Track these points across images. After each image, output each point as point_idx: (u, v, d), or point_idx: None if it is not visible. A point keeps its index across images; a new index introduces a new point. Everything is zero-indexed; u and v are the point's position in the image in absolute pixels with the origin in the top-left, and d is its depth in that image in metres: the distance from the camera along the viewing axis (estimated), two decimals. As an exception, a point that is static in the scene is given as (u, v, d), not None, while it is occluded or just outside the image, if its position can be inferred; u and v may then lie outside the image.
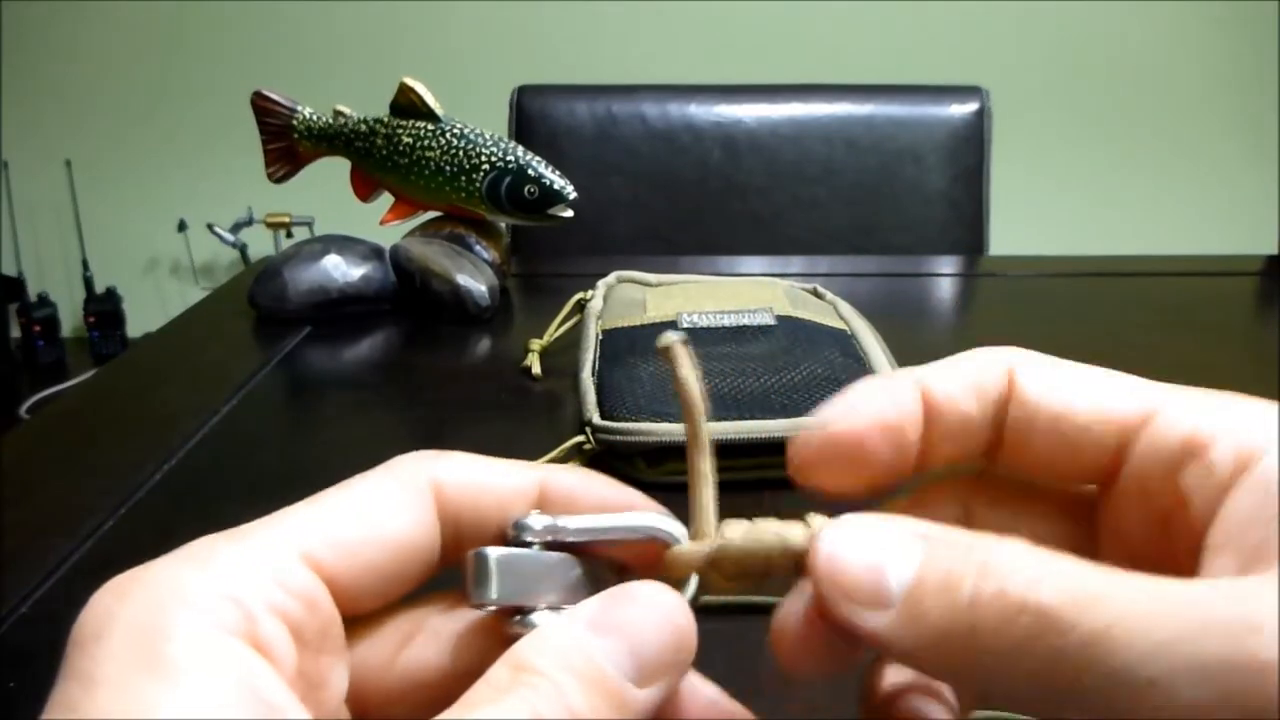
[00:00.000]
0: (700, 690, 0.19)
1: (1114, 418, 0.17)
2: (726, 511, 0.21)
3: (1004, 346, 0.19)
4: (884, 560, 0.16)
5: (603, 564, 0.19)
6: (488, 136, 0.71)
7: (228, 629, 0.15)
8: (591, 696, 0.15)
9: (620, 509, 0.19)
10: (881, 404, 0.19)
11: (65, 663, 0.15)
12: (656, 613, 0.17)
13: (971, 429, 0.19)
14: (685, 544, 0.19)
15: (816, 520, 0.18)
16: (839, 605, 0.16)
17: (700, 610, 0.19)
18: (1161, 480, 0.17)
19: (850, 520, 0.17)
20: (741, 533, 0.19)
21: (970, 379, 0.19)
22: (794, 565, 0.18)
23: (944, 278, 0.89)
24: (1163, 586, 0.14)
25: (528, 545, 0.18)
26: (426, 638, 0.19)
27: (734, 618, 0.38)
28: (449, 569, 0.19)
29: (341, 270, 0.72)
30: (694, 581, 0.19)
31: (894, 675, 0.20)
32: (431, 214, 0.76)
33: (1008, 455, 0.19)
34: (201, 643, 0.14)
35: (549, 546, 0.18)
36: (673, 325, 0.56)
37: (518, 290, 0.81)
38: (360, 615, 0.17)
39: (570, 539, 0.18)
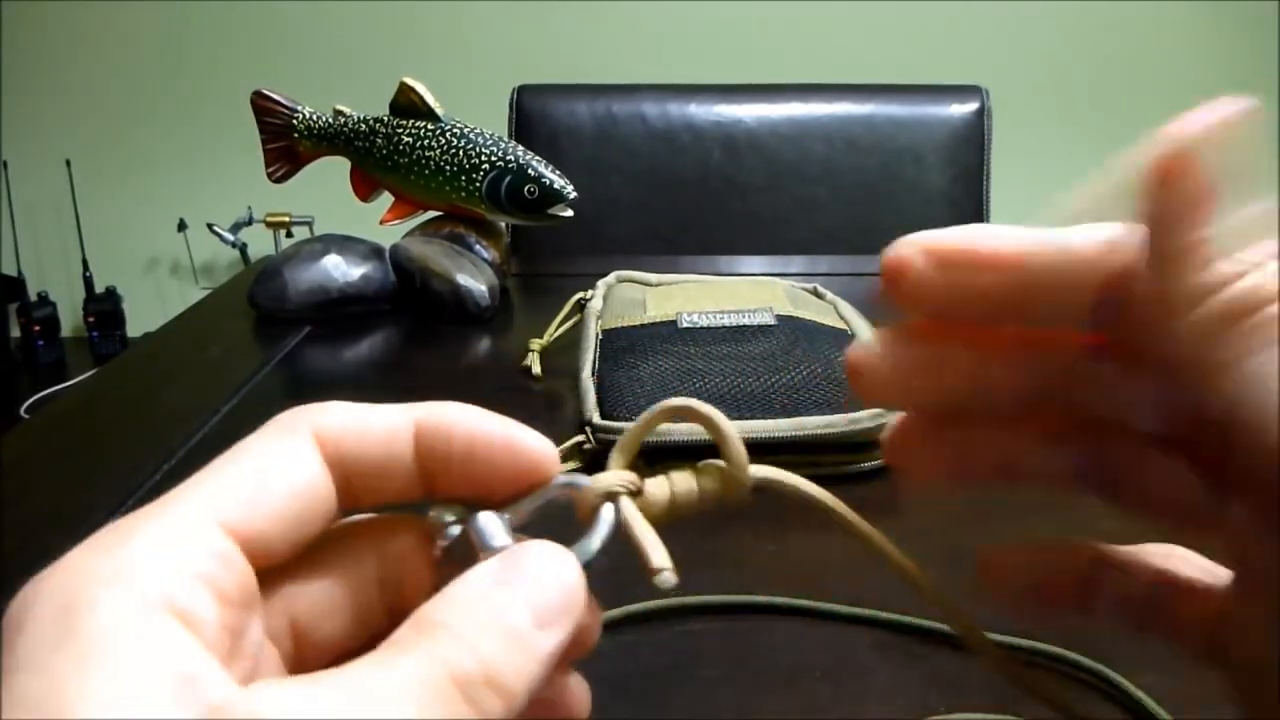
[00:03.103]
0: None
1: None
2: (724, 512, 0.22)
3: None
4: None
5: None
6: (488, 136, 0.71)
7: (145, 600, 0.15)
8: (499, 642, 0.16)
9: (497, 439, 0.20)
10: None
11: None
12: (550, 565, 0.18)
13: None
14: (598, 480, 0.21)
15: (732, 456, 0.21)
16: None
17: (697, 610, 0.20)
18: None
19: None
20: (660, 491, 0.21)
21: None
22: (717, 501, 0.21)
23: (944, 278, 0.89)
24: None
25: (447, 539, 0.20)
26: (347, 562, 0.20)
27: (735, 618, 0.38)
28: (346, 510, 0.20)
29: (341, 270, 0.72)
30: (609, 514, 0.20)
31: None
32: (431, 214, 0.76)
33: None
34: (118, 615, 0.15)
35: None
36: (673, 325, 0.56)
37: (518, 290, 0.81)
38: (274, 564, 0.18)
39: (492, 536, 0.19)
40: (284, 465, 0.18)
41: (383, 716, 0.15)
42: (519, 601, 0.17)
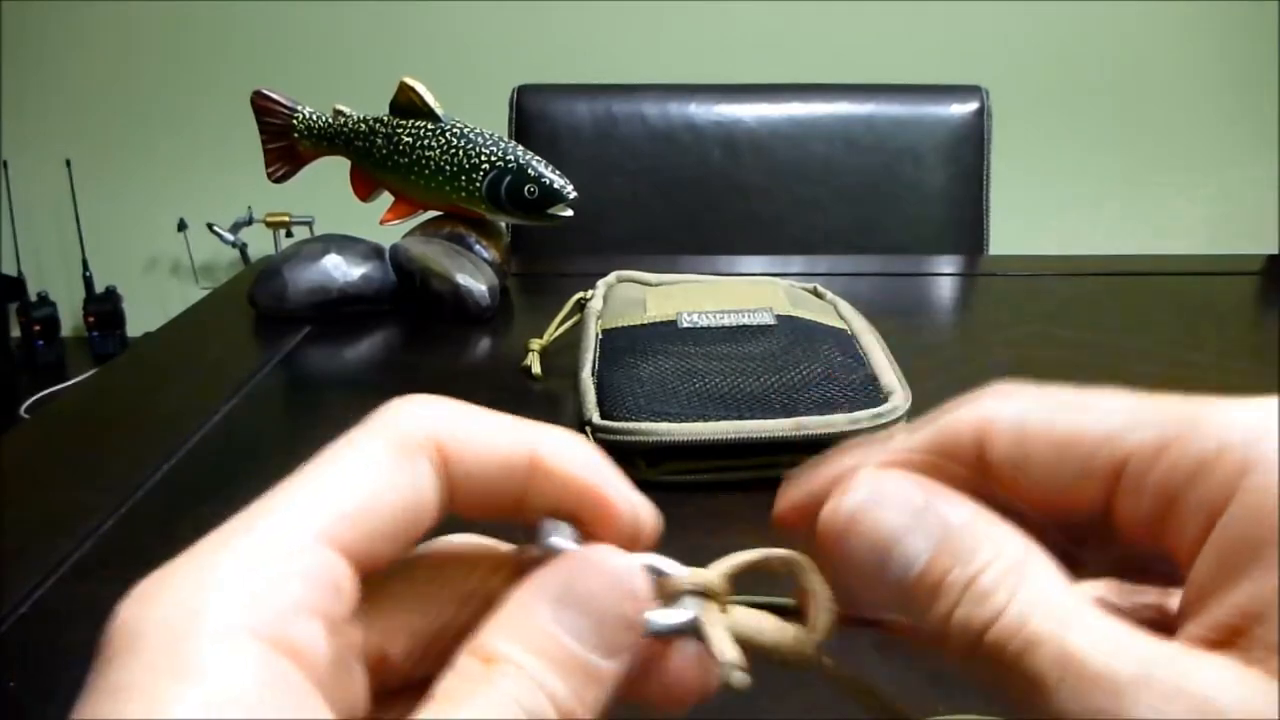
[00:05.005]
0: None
1: (1086, 486, 0.18)
2: (724, 512, 0.21)
3: (981, 399, 0.19)
4: (894, 543, 0.18)
5: None
6: (488, 136, 0.71)
7: (256, 633, 0.15)
8: (565, 677, 0.16)
9: (597, 482, 0.19)
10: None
11: (96, 675, 0.15)
12: (615, 582, 0.17)
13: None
14: (680, 578, 0.20)
15: (817, 611, 0.20)
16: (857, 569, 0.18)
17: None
18: (1147, 526, 0.17)
19: (877, 489, 0.18)
20: (741, 619, 0.20)
21: (932, 446, 0.19)
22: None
23: (944, 278, 0.89)
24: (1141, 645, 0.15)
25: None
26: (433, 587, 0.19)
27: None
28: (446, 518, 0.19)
29: (341, 270, 0.72)
30: (692, 607, 0.20)
31: None
32: (431, 213, 0.76)
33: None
34: (227, 648, 0.15)
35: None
36: (673, 325, 0.56)
37: (518, 290, 0.81)
38: (369, 578, 0.18)
39: None
40: (396, 478, 0.18)
41: None
42: (584, 631, 0.17)
